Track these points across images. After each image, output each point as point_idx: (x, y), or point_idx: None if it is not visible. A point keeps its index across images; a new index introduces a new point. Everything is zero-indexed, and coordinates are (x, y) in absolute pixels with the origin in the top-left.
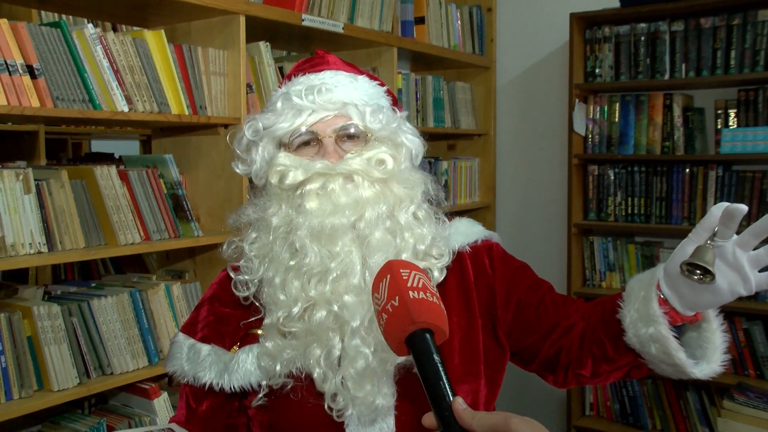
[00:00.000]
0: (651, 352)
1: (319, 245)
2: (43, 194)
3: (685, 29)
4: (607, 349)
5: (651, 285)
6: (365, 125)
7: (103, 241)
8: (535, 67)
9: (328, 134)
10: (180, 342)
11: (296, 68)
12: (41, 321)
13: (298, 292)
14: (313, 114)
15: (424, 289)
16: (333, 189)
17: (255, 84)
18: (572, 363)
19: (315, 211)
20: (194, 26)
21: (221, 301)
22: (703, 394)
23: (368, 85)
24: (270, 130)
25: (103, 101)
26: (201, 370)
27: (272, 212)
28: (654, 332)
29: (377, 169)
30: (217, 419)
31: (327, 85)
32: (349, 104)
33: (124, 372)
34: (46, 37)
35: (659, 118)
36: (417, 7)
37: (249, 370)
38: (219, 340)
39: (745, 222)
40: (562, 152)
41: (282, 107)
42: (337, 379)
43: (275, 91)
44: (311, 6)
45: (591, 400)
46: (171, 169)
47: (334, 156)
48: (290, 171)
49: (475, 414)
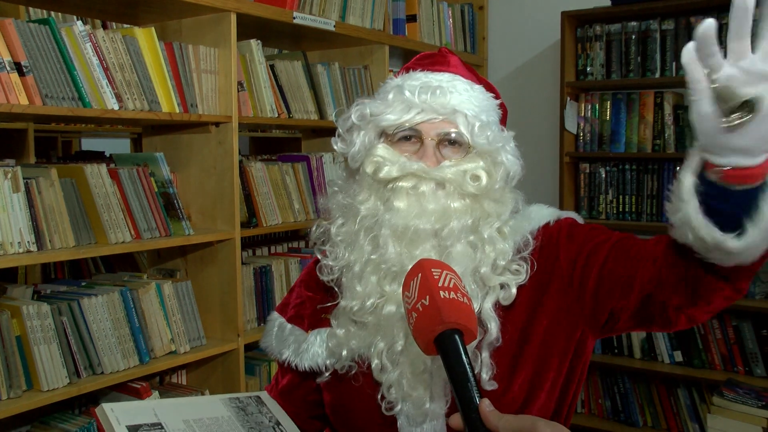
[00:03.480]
0: (689, 240)
1: (400, 245)
2: (32, 193)
3: (675, 28)
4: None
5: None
6: (470, 137)
7: (93, 240)
8: (527, 65)
9: (431, 136)
10: (273, 320)
11: (416, 62)
12: (30, 320)
13: (373, 287)
14: (421, 113)
15: (455, 289)
16: (424, 192)
17: (246, 82)
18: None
19: (402, 211)
20: (185, 24)
21: (308, 285)
22: (693, 391)
23: (483, 96)
24: (376, 119)
25: (93, 99)
26: (284, 347)
27: (361, 200)
28: (682, 215)
29: (471, 183)
30: (295, 395)
31: (443, 88)
32: (459, 112)
33: (114, 371)
34: (34, 34)
35: (650, 116)
36: (409, 5)
37: (317, 352)
38: (299, 321)
39: None
40: (553, 150)
41: (393, 99)
42: (394, 373)
43: (390, 79)
44: (302, 4)
45: (582, 397)
46: (162, 168)
47: (432, 159)
48: (386, 165)
49: (501, 416)
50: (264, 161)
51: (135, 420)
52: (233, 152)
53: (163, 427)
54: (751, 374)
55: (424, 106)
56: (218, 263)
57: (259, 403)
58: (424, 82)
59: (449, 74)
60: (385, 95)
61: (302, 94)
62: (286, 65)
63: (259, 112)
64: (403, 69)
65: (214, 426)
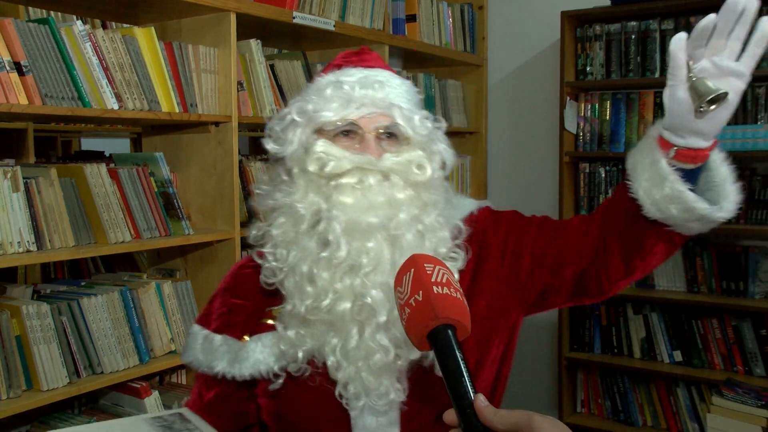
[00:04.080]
0: (673, 214)
1: (352, 240)
2: (32, 192)
3: (675, 27)
4: (631, 235)
5: (653, 149)
6: (411, 129)
7: (93, 240)
8: (527, 65)
9: (370, 130)
10: (195, 333)
11: (344, 59)
12: (30, 320)
13: (326, 284)
14: (361, 107)
15: (448, 284)
16: (370, 185)
17: (246, 82)
18: (601, 272)
19: (350, 206)
20: (185, 24)
21: (232, 292)
22: (693, 390)
23: (411, 91)
24: (314, 115)
25: (92, 99)
26: (214, 360)
27: (298, 198)
28: (669, 191)
29: (417, 172)
30: (223, 407)
31: (381, 82)
32: (396, 105)
33: (114, 371)
34: (34, 34)
35: (650, 116)
36: (408, 5)
37: (258, 359)
38: (230, 330)
39: (735, 219)
40: (553, 150)
41: (331, 95)
42: (351, 368)
43: (321, 76)
44: (302, 4)
45: (582, 397)
46: (161, 167)
47: (374, 152)
48: (331, 160)
49: (497, 412)
50: (264, 161)
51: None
52: (233, 152)
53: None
54: (750, 374)
55: (363, 100)
56: (218, 263)
57: (184, 420)
58: (361, 77)
59: (381, 69)
60: (321, 92)
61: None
62: (286, 65)
63: (259, 112)
64: (332, 66)
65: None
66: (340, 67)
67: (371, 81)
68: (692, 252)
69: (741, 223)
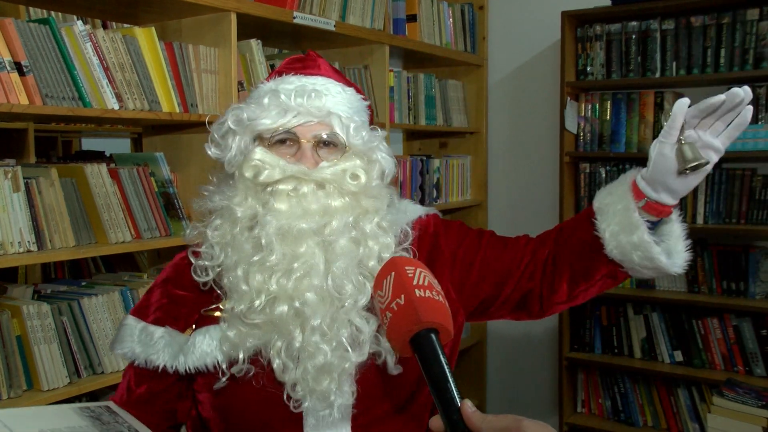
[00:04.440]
0: (633, 260)
1: (284, 245)
2: (33, 192)
3: (675, 27)
4: (583, 265)
5: (627, 197)
6: (346, 138)
7: (93, 240)
8: (527, 65)
9: (307, 138)
10: (131, 325)
11: (287, 66)
12: (31, 320)
13: (260, 285)
14: (297, 116)
15: (430, 287)
16: (304, 193)
17: (246, 82)
18: (545, 293)
19: (284, 212)
20: (185, 24)
21: (175, 283)
22: (694, 390)
23: (354, 98)
24: (252, 123)
25: (93, 99)
26: (154, 352)
27: (237, 202)
28: (637, 239)
29: (351, 182)
30: (152, 404)
31: (318, 91)
32: (334, 114)
33: (115, 371)
34: (34, 34)
35: (650, 116)
36: (409, 5)
37: (205, 352)
38: (173, 322)
39: (735, 219)
40: (553, 150)
41: (269, 103)
42: (297, 370)
43: (262, 83)
44: (303, 4)
45: (583, 397)
46: (162, 168)
47: (310, 161)
48: (266, 168)
49: (484, 417)
50: None
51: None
52: None
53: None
54: (751, 374)
55: (300, 109)
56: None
57: (111, 413)
58: (298, 85)
59: (322, 77)
60: (260, 99)
61: None
62: None
63: None
64: (275, 73)
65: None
66: (281, 74)
67: (308, 89)
68: (693, 252)
69: (741, 224)
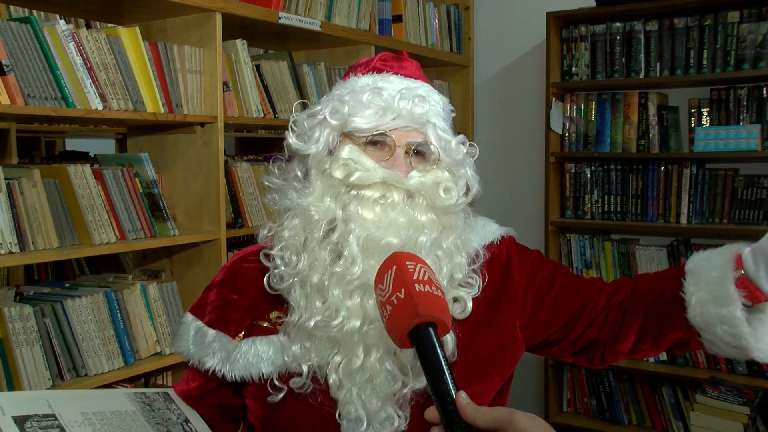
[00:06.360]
0: (716, 333)
1: (369, 258)
2: (15, 194)
3: (659, 29)
4: (656, 323)
5: (726, 267)
6: (443, 151)
7: (77, 241)
8: (513, 65)
9: (401, 145)
10: (188, 323)
11: (382, 62)
12: (12, 323)
13: (338, 301)
14: (396, 119)
15: (429, 282)
16: (393, 202)
17: (231, 82)
18: (609, 341)
19: (370, 222)
20: (170, 23)
21: (229, 287)
22: (678, 389)
23: (447, 108)
24: (350, 118)
25: (76, 99)
26: (206, 354)
27: (313, 201)
28: (727, 313)
29: (443, 196)
30: (206, 399)
31: (422, 97)
32: (430, 123)
33: (99, 373)
34: (15, 33)
35: (635, 117)
36: (395, 6)
37: (251, 362)
38: (224, 326)
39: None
40: (539, 150)
41: (369, 101)
42: (353, 390)
43: (357, 76)
44: (288, 4)
45: (568, 396)
46: (147, 168)
47: (403, 168)
48: (358, 170)
49: (478, 409)
50: (250, 161)
51: (24, 410)
52: (219, 152)
53: (57, 419)
54: (733, 372)
55: (401, 112)
56: (204, 264)
57: (167, 400)
58: (403, 88)
59: (421, 82)
60: (358, 95)
61: (288, 94)
62: (272, 65)
63: (245, 113)
64: (370, 68)
65: (116, 420)
66: (379, 71)
67: (413, 94)
68: (677, 252)
69: (724, 223)
